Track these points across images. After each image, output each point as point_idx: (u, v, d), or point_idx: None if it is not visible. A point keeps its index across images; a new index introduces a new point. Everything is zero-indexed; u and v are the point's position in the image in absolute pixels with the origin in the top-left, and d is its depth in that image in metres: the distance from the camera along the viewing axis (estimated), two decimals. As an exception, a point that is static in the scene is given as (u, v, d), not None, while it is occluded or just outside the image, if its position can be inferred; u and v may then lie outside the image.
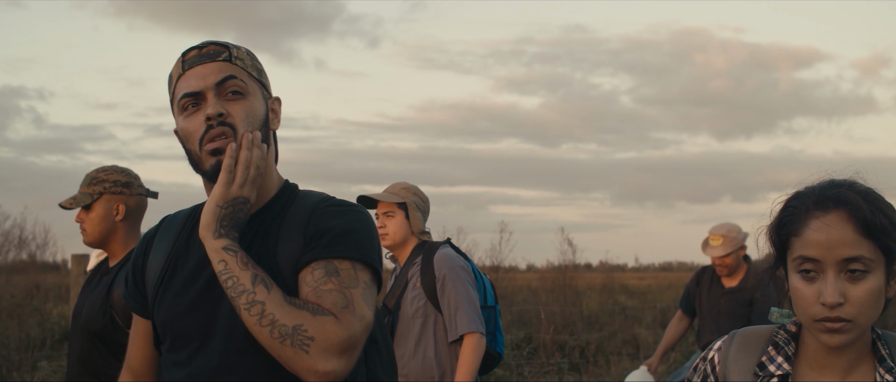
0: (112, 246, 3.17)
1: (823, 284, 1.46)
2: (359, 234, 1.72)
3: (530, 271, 17.53)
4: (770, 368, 1.59)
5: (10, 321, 9.56)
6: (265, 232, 1.74)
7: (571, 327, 10.82)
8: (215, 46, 1.77)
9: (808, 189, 1.55)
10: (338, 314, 1.57)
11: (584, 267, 13.75)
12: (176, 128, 1.79)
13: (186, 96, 1.73)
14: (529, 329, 10.93)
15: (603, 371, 9.72)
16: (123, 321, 2.96)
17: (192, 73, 1.74)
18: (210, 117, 1.69)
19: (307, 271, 1.65)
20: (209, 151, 1.70)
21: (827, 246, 1.47)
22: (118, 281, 3.01)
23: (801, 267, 1.50)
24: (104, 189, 3.13)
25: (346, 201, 1.80)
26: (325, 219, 1.72)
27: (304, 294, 1.63)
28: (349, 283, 1.64)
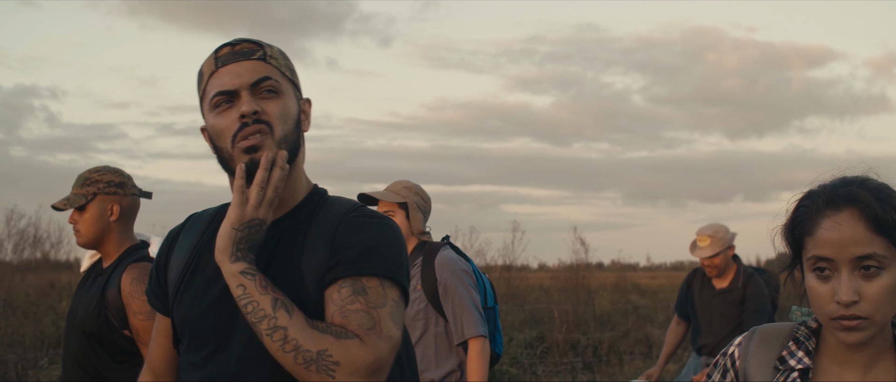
0: (106, 247, 3.13)
1: (838, 282, 1.46)
2: (387, 249, 1.68)
3: (542, 270, 17.50)
4: (790, 362, 1.59)
5: (25, 320, 9.62)
6: (291, 238, 1.71)
7: (584, 326, 10.81)
8: (249, 44, 1.75)
9: (820, 188, 1.55)
10: (363, 336, 1.54)
11: (595, 266, 13.73)
12: (204, 126, 1.77)
13: (220, 94, 1.70)
14: (541, 329, 10.93)
15: (616, 370, 9.71)
16: (119, 322, 2.94)
17: (225, 70, 1.71)
18: (245, 115, 1.66)
19: (334, 288, 1.62)
20: (243, 148, 1.67)
21: (839, 245, 1.46)
22: (112, 282, 2.99)
23: (815, 266, 1.50)
24: (98, 190, 3.10)
25: (377, 213, 1.76)
26: (353, 231, 1.68)
27: (331, 313, 1.59)
28: (377, 302, 1.60)
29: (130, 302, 2.93)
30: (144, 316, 2.90)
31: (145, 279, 2.92)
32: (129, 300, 2.93)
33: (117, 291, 2.95)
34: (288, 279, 1.65)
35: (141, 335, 2.92)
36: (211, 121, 1.72)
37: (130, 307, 2.93)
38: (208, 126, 1.74)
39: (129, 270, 2.99)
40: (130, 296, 2.93)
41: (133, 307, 2.93)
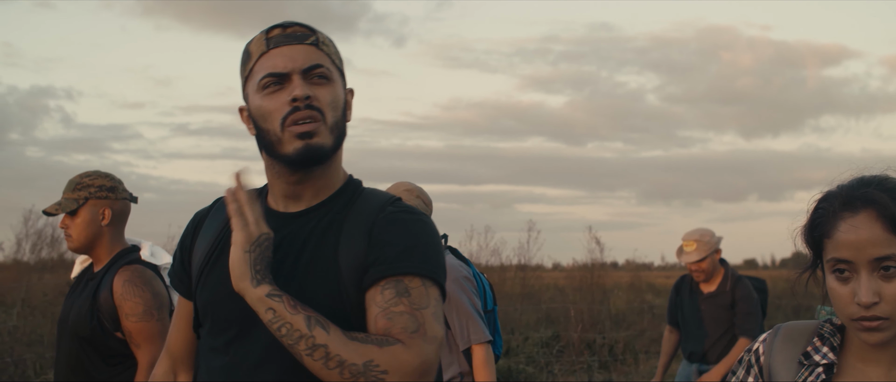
0: (97, 251, 3.11)
1: (858, 284, 1.46)
2: (427, 247, 1.67)
3: (556, 269, 17.50)
4: (815, 358, 1.58)
5: (44, 319, 9.69)
6: (327, 226, 1.70)
7: (599, 325, 10.81)
8: (302, 28, 1.73)
9: (838, 189, 1.54)
10: (406, 340, 1.53)
11: (610, 266, 13.74)
12: (245, 106, 1.76)
13: (271, 76, 1.67)
14: (557, 328, 10.93)
15: (631, 369, 9.70)
16: (111, 324, 2.93)
17: (278, 52, 1.68)
18: (297, 99, 1.63)
19: (377, 290, 1.60)
20: (296, 133, 1.64)
21: (857, 247, 1.46)
22: (104, 284, 2.98)
23: (834, 268, 1.50)
24: (90, 194, 3.09)
25: (414, 209, 1.75)
26: (392, 229, 1.67)
27: (375, 315, 1.58)
28: (420, 303, 1.59)
29: (123, 304, 2.92)
30: (137, 318, 2.90)
31: (137, 281, 2.94)
32: (122, 302, 2.92)
33: (109, 293, 2.94)
34: (323, 269, 1.64)
35: (133, 337, 2.91)
36: (257, 102, 1.69)
37: (123, 309, 2.92)
38: (253, 107, 1.71)
39: (120, 272, 2.98)
40: (123, 298, 2.92)
41: (125, 309, 2.92)
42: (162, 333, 2.93)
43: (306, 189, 1.73)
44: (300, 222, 1.72)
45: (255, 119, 1.70)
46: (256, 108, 1.69)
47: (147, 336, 2.91)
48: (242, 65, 1.76)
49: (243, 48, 1.76)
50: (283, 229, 1.71)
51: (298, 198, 1.74)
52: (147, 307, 2.93)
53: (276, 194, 1.77)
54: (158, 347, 2.88)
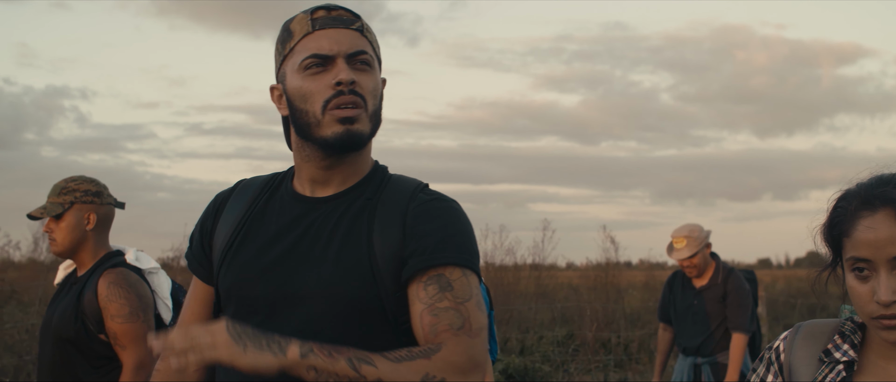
0: (82, 255, 3.13)
1: (877, 283, 1.46)
2: (464, 235, 1.68)
3: (570, 268, 17.47)
4: (836, 355, 1.58)
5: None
6: (358, 212, 1.69)
7: (614, 325, 10.81)
8: (347, 13, 1.72)
9: (856, 187, 1.55)
10: (452, 338, 1.54)
11: (623, 265, 13.72)
12: (279, 85, 1.74)
13: (315, 57, 1.65)
14: (571, 327, 10.93)
15: (646, 368, 9.70)
16: (95, 326, 2.94)
17: (323, 34, 1.67)
18: (342, 83, 1.63)
19: (419, 285, 1.60)
20: (338, 118, 1.63)
21: (876, 246, 1.46)
22: (89, 287, 2.99)
23: (853, 267, 1.50)
24: (75, 198, 3.10)
25: (443, 195, 1.75)
26: (427, 218, 1.67)
27: (420, 312, 1.59)
28: (463, 295, 1.60)
29: (108, 306, 2.93)
30: (122, 320, 2.92)
31: (122, 283, 2.96)
32: (107, 304, 2.93)
33: (94, 295, 2.95)
34: (355, 254, 1.64)
35: (119, 338, 2.93)
36: (297, 82, 1.67)
37: (108, 311, 2.93)
38: (292, 87, 1.69)
39: (105, 275, 2.99)
40: (108, 300, 2.93)
41: (110, 311, 2.93)
42: (147, 334, 2.92)
43: (336, 174, 1.73)
44: (329, 207, 1.71)
45: (292, 99, 1.69)
46: (296, 88, 1.67)
47: (132, 337, 2.92)
48: (281, 43, 1.73)
49: (283, 26, 1.74)
50: (310, 213, 1.71)
51: (327, 183, 1.74)
52: (132, 308, 2.94)
53: (304, 178, 1.76)
54: (143, 348, 2.91)
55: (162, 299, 3.13)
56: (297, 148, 1.75)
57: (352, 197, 1.72)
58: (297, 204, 1.73)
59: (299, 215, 1.72)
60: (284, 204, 1.76)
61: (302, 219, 1.71)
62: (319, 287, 1.63)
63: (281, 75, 1.73)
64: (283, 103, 1.74)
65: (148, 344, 2.79)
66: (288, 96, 1.70)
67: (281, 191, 1.79)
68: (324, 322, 1.61)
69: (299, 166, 1.76)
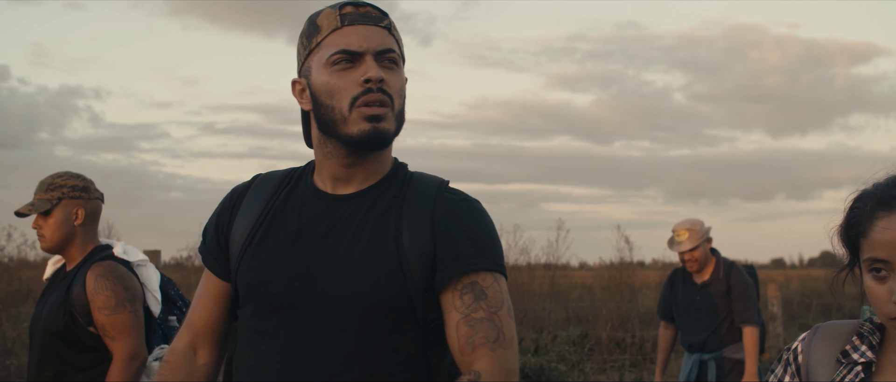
0: (70, 251, 3.15)
1: (894, 283, 1.46)
2: (494, 238, 1.70)
3: (582, 268, 17.44)
4: (853, 356, 1.57)
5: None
6: (385, 209, 1.68)
7: (628, 324, 10.79)
8: (375, 10, 1.71)
9: (873, 187, 1.54)
10: (489, 355, 1.58)
11: (636, 264, 13.70)
12: (301, 80, 1.73)
13: (344, 53, 1.64)
14: (585, 327, 10.93)
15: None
16: (83, 319, 2.97)
17: (353, 30, 1.66)
18: (371, 80, 1.62)
19: (455, 294, 1.62)
20: (365, 115, 1.62)
21: (893, 246, 1.46)
22: (77, 281, 3.01)
23: (871, 267, 1.50)
24: (63, 194, 3.11)
25: (465, 194, 1.76)
26: (459, 219, 1.68)
27: (456, 322, 1.61)
28: (496, 304, 1.63)
29: (95, 298, 2.96)
30: (109, 311, 2.94)
31: (109, 275, 2.98)
32: (94, 296, 2.96)
33: (82, 288, 2.98)
34: (384, 252, 1.63)
35: (107, 329, 2.95)
36: (324, 77, 1.66)
37: (95, 303, 2.96)
38: (318, 82, 1.68)
39: (93, 267, 3.01)
40: (95, 292, 2.96)
41: (97, 303, 2.95)
42: (136, 325, 2.98)
43: (358, 172, 1.72)
44: (352, 204, 1.70)
45: (318, 94, 1.67)
46: (323, 83, 1.66)
47: (121, 328, 2.95)
48: (307, 37, 1.71)
49: (308, 21, 1.72)
50: (334, 211, 1.70)
51: (349, 180, 1.72)
52: (119, 299, 2.96)
53: (325, 174, 1.74)
54: (133, 338, 2.96)
55: (151, 292, 3.14)
56: (319, 144, 1.73)
57: (375, 195, 1.71)
58: (320, 201, 1.72)
59: (322, 213, 1.70)
60: (306, 200, 1.73)
61: (325, 216, 1.69)
62: (347, 286, 1.62)
63: (305, 70, 1.72)
64: (306, 98, 1.72)
65: (137, 334, 2.96)
66: (312, 91, 1.69)
67: (300, 187, 1.77)
68: (350, 321, 1.61)
69: (321, 163, 1.75)
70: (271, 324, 1.65)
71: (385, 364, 1.61)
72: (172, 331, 3.26)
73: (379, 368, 1.61)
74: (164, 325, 3.27)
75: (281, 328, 1.64)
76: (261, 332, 1.67)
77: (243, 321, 1.73)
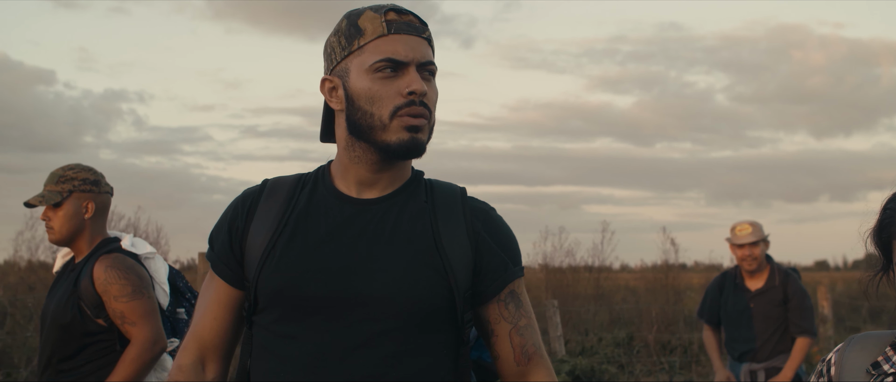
0: (79, 243, 3.12)
1: None
2: (517, 243, 1.79)
3: (624, 270, 17.39)
4: (885, 367, 1.55)
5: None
6: (417, 213, 1.71)
7: (673, 326, 10.79)
8: (417, 20, 1.71)
9: None
10: (541, 363, 1.74)
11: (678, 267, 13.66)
12: (338, 80, 1.71)
13: (389, 61, 1.64)
14: (630, 329, 10.95)
15: (708, 370, 9.68)
16: (93, 311, 2.96)
17: (399, 39, 1.66)
18: (415, 92, 1.63)
19: (501, 305, 1.72)
20: (406, 125, 1.64)
21: None
22: (85, 273, 3.00)
23: None
24: (73, 187, 3.09)
25: (484, 202, 1.82)
26: (495, 229, 1.76)
27: (506, 331, 1.72)
28: (528, 307, 1.76)
29: (108, 289, 2.95)
30: (127, 298, 2.94)
31: (120, 266, 2.98)
32: (107, 287, 2.95)
33: (90, 281, 2.97)
34: (425, 253, 1.66)
35: (127, 316, 2.95)
36: (366, 83, 1.66)
37: (110, 293, 2.95)
38: (359, 86, 1.67)
39: (101, 260, 3.01)
40: (108, 282, 2.95)
41: (112, 292, 2.95)
42: (154, 311, 2.98)
43: (383, 178, 1.72)
44: (380, 208, 1.70)
45: (357, 98, 1.67)
46: (365, 89, 1.66)
47: (141, 312, 2.95)
48: (347, 38, 1.69)
49: (348, 21, 1.71)
50: (363, 214, 1.70)
51: (373, 185, 1.72)
52: (134, 286, 2.96)
53: (350, 179, 1.73)
54: (154, 323, 2.96)
55: (159, 284, 3.13)
56: (347, 146, 1.72)
57: (401, 200, 1.72)
58: (346, 204, 1.71)
59: (351, 216, 1.69)
60: (330, 204, 1.72)
61: (355, 220, 1.69)
62: (389, 287, 1.62)
63: (341, 70, 1.70)
64: (339, 98, 1.71)
65: (157, 320, 2.99)
66: (350, 94, 1.68)
67: (320, 190, 1.75)
68: (390, 322, 1.62)
69: (346, 166, 1.74)
70: (302, 327, 1.64)
71: (424, 364, 1.64)
72: (181, 324, 3.26)
73: (419, 367, 1.63)
74: (173, 317, 3.25)
75: (314, 330, 1.63)
76: (288, 336, 1.65)
77: (264, 325, 1.69)
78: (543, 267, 12.92)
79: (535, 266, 13.08)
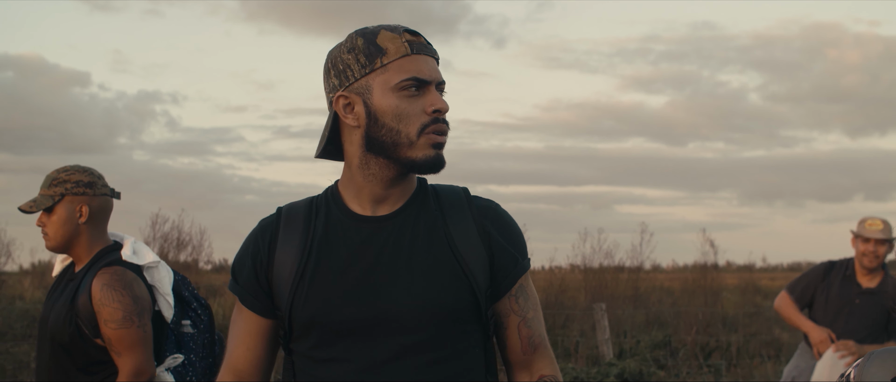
0: (76, 250, 2.92)
1: None
2: (522, 237, 1.87)
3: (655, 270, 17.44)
4: None
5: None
6: (432, 223, 1.76)
7: (711, 328, 10.84)
8: (427, 42, 1.78)
9: None
10: (545, 353, 1.81)
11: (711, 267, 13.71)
12: (357, 97, 1.72)
13: (413, 80, 1.69)
14: (667, 330, 11.01)
15: (746, 372, 9.76)
16: (90, 331, 2.77)
17: (422, 59, 1.72)
18: (439, 110, 1.70)
19: (512, 299, 1.79)
20: (433, 143, 1.70)
21: None
22: (83, 288, 2.81)
23: None
24: (66, 190, 2.88)
25: (488, 198, 1.88)
26: (503, 225, 1.82)
27: (516, 324, 1.79)
28: (534, 298, 1.83)
29: (101, 310, 2.76)
30: (116, 325, 2.75)
31: (117, 285, 2.78)
32: (100, 308, 2.76)
33: (88, 298, 2.77)
34: (447, 264, 1.72)
35: (113, 344, 2.76)
36: (392, 101, 1.69)
37: (101, 315, 2.76)
38: (385, 104, 1.70)
39: (99, 275, 2.79)
40: (101, 303, 2.76)
41: (104, 315, 2.75)
42: (143, 339, 2.78)
43: (394, 192, 1.77)
44: (394, 224, 1.75)
45: (381, 116, 1.70)
46: (391, 106, 1.69)
47: (128, 343, 2.76)
48: (367, 56, 1.71)
49: (367, 40, 1.72)
50: (379, 232, 1.74)
51: (384, 201, 1.77)
52: (126, 312, 2.76)
53: (365, 198, 1.77)
54: (140, 353, 2.78)
55: (163, 295, 2.95)
56: (360, 164, 1.75)
57: (413, 212, 1.77)
58: (362, 224, 1.76)
59: (368, 236, 1.74)
60: (346, 226, 1.76)
61: (372, 239, 1.73)
62: (416, 301, 1.68)
63: (361, 88, 1.72)
64: (356, 115, 1.73)
65: (145, 349, 2.78)
66: (374, 111, 1.70)
67: (334, 213, 1.78)
68: (422, 333, 1.68)
69: (360, 186, 1.76)
70: (340, 350, 1.69)
71: (459, 367, 1.71)
72: (186, 338, 3.12)
73: (454, 370, 1.71)
74: (177, 330, 3.09)
75: (351, 352, 1.69)
76: (327, 360, 1.71)
77: (303, 352, 1.74)
78: (581, 268, 13.02)
79: (570, 266, 13.19)
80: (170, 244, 13.74)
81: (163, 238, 13.61)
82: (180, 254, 13.84)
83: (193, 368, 3.09)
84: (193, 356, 3.11)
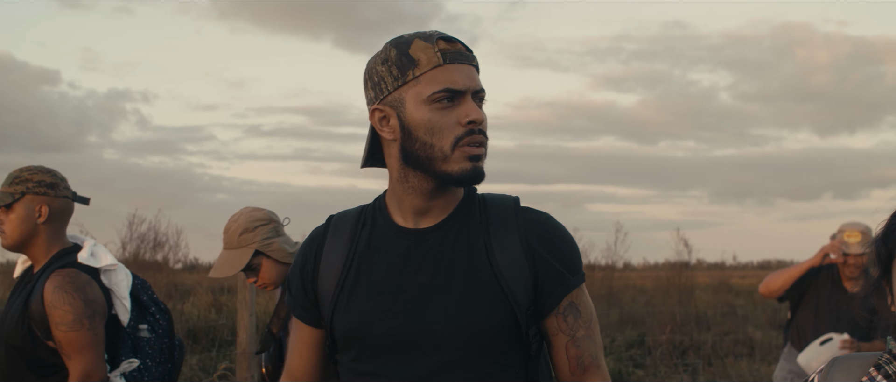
0: (34, 251, 2.91)
1: None
2: (577, 250, 1.77)
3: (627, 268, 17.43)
4: None
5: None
6: (474, 238, 1.71)
7: (686, 327, 10.82)
8: (464, 47, 1.71)
9: None
10: (598, 370, 1.71)
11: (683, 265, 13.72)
12: (392, 110, 1.69)
13: (447, 91, 1.64)
14: (642, 329, 10.97)
15: (722, 371, 9.73)
16: (42, 333, 2.74)
17: (456, 69, 1.66)
18: (474, 122, 1.64)
19: (560, 318, 1.70)
20: (469, 155, 1.64)
21: None
22: (36, 290, 2.78)
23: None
24: (27, 189, 2.87)
25: (539, 210, 1.80)
26: (550, 238, 1.73)
27: (565, 344, 1.70)
28: (588, 315, 1.73)
29: (52, 312, 2.72)
30: (66, 328, 2.72)
31: (68, 287, 2.75)
32: (51, 311, 2.72)
33: (40, 300, 2.75)
34: (484, 279, 1.67)
35: (64, 347, 2.73)
36: (425, 114, 1.64)
37: (53, 318, 2.72)
38: (418, 117, 1.66)
39: (52, 277, 2.77)
40: (52, 306, 2.72)
41: (55, 318, 2.72)
42: (93, 343, 2.75)
43: (437, 204, 1.73)
44: (436, 237, 1.71)
45: (415, 129, 1.66)
46: (424, 120, 1.65)
47: (77, 346, 2.72)
48: (400, 68, 1.67)
49: (399, 51, 1.68)
50: (420, 246, 1.71)
51: (428, 213, 1.73)
52: (77, 315, 2.73)
53: (406, 210, 1.74)
54: (90, 357, 2.74)
55: (120, 299, 2.92)
56: (401, 177, 1.72)
57: (456, 224, 1.73)
58: (404, 238, 1.73)
59: (408, 249, 1.71)
60: (389, 238, 1.74)
61: (412, 253, 1.70)
62: (452, 319, 1.64)
63: (394, 100, 1.68)
64: (392, 128, 1.70)
65: (95, 352, 2.74)
66: (408, 125, 1.67)
67: (379, 225, 1.77)
68: (458, 352, 1.65)
69: (400, 198, 1.74)
70: (378, 365, 1.68)
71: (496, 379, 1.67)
72: (142, 342, 3.08)
73: None
74: (134, 335, 3.06)
75: (388, 367, 1.67)
76: (367, 373, 1.70)
77: (346, 364, 1.75)
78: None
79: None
80: (147, 244, 13.53)
81: (140, 239, 13.39)
82: (157, 254, 13.64)
83: (149, 373, 3.03)
84: (149, 360, 3.05)
